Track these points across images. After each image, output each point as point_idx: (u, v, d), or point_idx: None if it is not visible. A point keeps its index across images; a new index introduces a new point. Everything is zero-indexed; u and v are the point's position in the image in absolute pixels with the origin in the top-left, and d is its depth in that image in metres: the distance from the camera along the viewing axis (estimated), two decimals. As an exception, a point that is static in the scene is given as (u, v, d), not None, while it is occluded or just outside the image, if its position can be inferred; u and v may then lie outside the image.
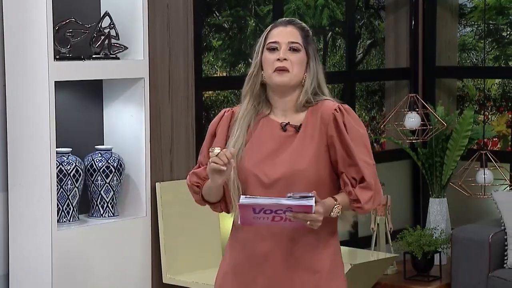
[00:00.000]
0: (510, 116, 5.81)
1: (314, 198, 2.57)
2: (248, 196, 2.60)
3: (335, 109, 2.74)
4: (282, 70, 2.74)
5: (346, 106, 2.78)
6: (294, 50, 2.76)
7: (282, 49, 2.75)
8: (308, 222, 2.59)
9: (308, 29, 2.84)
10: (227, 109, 2.91)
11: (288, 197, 2.57)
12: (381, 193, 2.78)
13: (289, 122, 2.78)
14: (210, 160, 2.66)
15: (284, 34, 2.77)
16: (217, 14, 5.09)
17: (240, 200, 2.57)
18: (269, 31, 2.81)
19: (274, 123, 2.79)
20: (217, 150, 2.65)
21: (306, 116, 2.77)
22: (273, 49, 2.76)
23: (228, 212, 2.88)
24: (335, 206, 2.69)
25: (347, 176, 2.72)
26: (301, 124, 2.76)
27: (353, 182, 2.72)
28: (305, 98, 2.77)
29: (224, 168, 2.64)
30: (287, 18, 2.86)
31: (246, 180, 2.75)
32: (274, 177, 2.72)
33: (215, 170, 2.66)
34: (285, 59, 2.74)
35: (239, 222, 2.62)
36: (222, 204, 2.86)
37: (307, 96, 2.77)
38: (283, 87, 2.77)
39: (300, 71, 2.76)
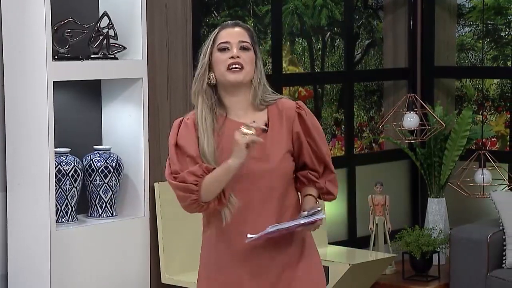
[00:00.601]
0: (508, 116, 5.81)
1: (322, 211, 2.81)
2: (274, 225, 2.76)
3: (297, 107, 2.92)
4: (236, 68, 2.85)
5: (301, 102, 2.96)
6: (245, 48, 2.88)
7: (235, 48, 2.87)
8: (313, 229, 2.85)
9: (253, 30, 2.98)
10: (182, 119, 2.92)
11: (304, 216, 2.79)
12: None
13: (254, 122, 2.86)
14: (243, 136, 2.73)
15: (233, 34, 2.89)
16: (216, 14, 5.09)
17: (268, 230, 2.74)
18: (217, 33, 2.91)
19: (237, 124, 2.85)
20: (252, 128, 2.74)
21: (269, 115, 2.90)
22: (224, 49, 2.87)
23: (218, 208, 2.89)
24: (317, 203, 2.94)
25: (311, 173, 2.93)
26: (266, 124, 2.88)
27: (317, 176, 2.94)
28: (259, 95, 2.89)
29: (260, 139, 2.76)
30: (233, 21, 2.98)
31: (228, 183, 2.82)
32: (254, 176, 2.83)
33: (251, 142, 2.74)
34: (238, 57, 2.85)
35: (246, 241, 2.77)
36: (216, 200, 2.86)
37: (258, 93, 2.89)
38: (236, 85, 2.87)
39: (251, 69, 2.89)
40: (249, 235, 2.75)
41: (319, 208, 2.80)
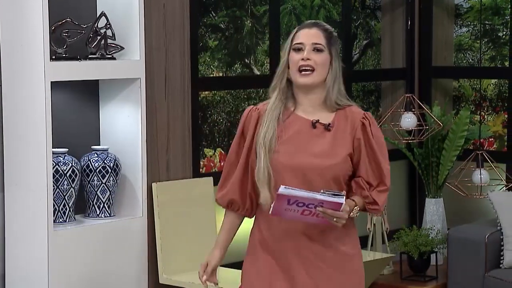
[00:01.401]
0: (506, 116, 5.81)
1: (344, 197, 2.84)
2: (287, 187, 2.78)
3: (363, 117, 3.02)
4: (305, 70, 2.95)
5: (369, 114, 3.06)
6: (318, 50, 2.98)
7: (307, 50, 2.97)
8: (335, 219, 2.85)
9: (332, 30, 3.04)
10: (252, 107, 3.08)
11: (322, 192, 2.81)
12: None
13: (318, 120, 2.99)
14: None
15: (308, 35, 2.99)
16: (214, 14, 5.09)
17: (280, 190, 2.76)
18: (296, 32, 3.03)
19: (303, 119, 3.00)
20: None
21: (335, 118, 3.01)
22: (298, 49, 2.99)
23: (249, 216, 3.11)
24: (355, 207, 2.97)
25: (363, 181, 2.99)
26: (329, 123, 2.99)
27: (367, 187, 3.00)
28: (333, 98, 3.00)
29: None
30: (313, 21, 3.08)
31: (281, 172, 2.94)
32: (308, 170, 2.93)
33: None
34: (308, 59, 2.96)
35: (269, 212, 2.83)
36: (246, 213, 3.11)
37: (330, 94, 2.99)
38: (307, 87, 2.99)
39: (323, 71, 2.99)
40: (271, 206, 2.83)
41: (342, 193, 2.84)
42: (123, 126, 4.26)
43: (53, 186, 3.92)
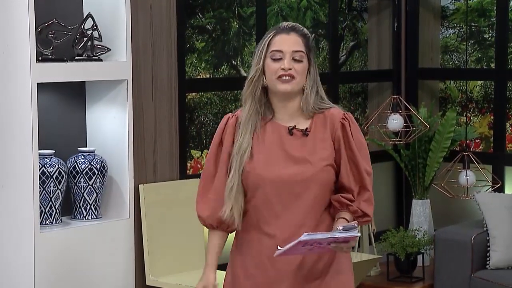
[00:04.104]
0: (492, 117, 5.83)
1: (357, 228, 2.67)
2: (309, 233, 2.63)
3: (343, 117, 2.85)
4: (286, 78, 2.80)
5: (350, 114, 2.89)
6: (298, 59, 2.81)
7: (287, 59, 2.80)
8: (345, 249, 2.72)
9: (309, 34, 2.88)
10: (230, 114, 2.95)
11: (339, 230, 2.66)
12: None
13: (295, 126, 2.85)
14: None
15: (287, 42, 2.82)
16: (200, 15, 5.08)
17: (302, 237, 2.60)
18: (272, 37, 2.84)
19: (280, 127, 2.86)
20: None
21: (313, 122, 2.84)
22: (276, 58, 2.81)
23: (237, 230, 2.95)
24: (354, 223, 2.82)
25: (343, 196, 2.82)
26: (306, 128, 2.83)
27: (351, 198, 2.82)
28: (310, 104, 2.83)
29: None
30: (289, 24, 2.88)
31: (259, 183, 2.81)
32: (290, 179, 2.79)
33: None
34: (290, 69, 2.80)
35: (274, 255, 2.69)
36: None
37: (308, 101, 2.83)
38: (286, 94, 2.83)
39: (302, 78, 2.83)
40: (279, 247, 2.66)
41: (355, 226, 2.68)
42: (110, 127, 4.25)
43: (40, 188, 3.91)
